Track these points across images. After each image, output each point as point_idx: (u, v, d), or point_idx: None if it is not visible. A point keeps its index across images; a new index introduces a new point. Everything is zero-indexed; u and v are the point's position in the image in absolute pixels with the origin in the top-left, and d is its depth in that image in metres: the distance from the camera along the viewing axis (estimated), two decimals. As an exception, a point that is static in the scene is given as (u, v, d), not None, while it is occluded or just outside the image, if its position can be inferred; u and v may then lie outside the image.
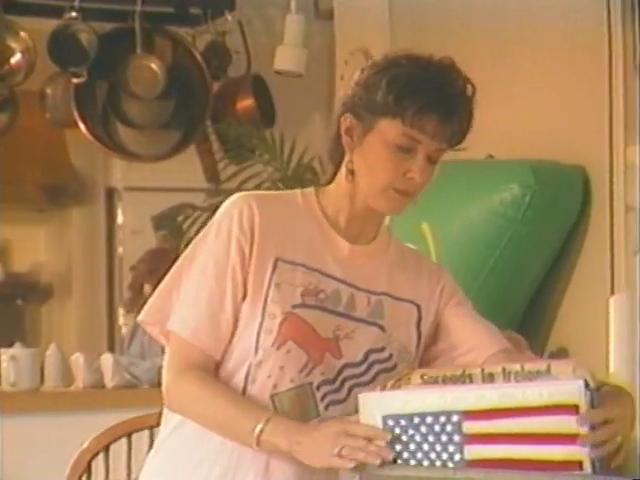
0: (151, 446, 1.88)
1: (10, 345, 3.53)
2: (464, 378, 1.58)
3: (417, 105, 1.66)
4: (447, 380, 1.59)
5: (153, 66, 4.28)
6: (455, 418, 1.56)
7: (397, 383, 1.60)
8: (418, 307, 1.79)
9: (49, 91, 4.34)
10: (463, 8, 3.23)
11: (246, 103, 4.42)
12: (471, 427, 1.55)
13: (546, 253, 2.80)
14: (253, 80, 4.40)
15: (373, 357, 1.73)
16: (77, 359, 3.61)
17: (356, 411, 1.62)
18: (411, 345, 1.77)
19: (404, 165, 1.68)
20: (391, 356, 1.74)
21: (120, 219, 4.96)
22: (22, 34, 4.19)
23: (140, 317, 1.78)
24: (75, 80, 4.18)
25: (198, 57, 4.35)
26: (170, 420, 1.78)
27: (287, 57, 3.87)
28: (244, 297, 1.72)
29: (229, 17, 4.37)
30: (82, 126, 4.25)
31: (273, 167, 3.77)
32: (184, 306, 1.73)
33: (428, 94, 1.67)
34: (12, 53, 4.18)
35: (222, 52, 4.43)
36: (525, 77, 2.98)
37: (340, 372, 1.72)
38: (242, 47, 4.40)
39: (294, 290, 1.71)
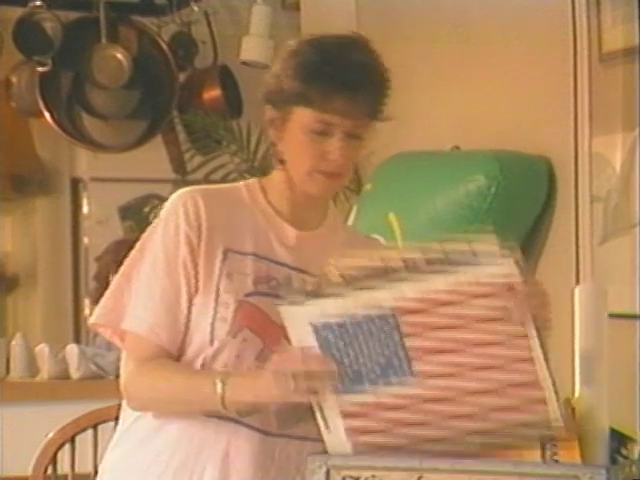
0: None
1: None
2: (387, 271, 1.55)
3: (321, 89, 1.68)
4: (370, 276, 1.56)
5: (118, 56, 4.26)
6: (390, 315, 1.55)
7: (317, 284, 1.59)
8: None
9: (14, 79, 4.30)
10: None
11: (213, 93, 4.41)
12: (408, 321, 1.54)
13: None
14: (220, 70, 4.39)
15: None
16: (42, 349, 3.59)
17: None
18: None
19: (323, 147, 1.71)
20: None
21: (86, 209, 4.92)
22: (-14, 22, 4.15)
23: (92, 320, 1.79)
24: (40, 69, 4.15)
25: (164, 47, 4.33)
26: (129, 412, 1.78)
27: (253, 48, 3.87)
28: (196, 290, 1.73)
29: (195, 7, 4.35)
30: (47, 115, 4.22)
31: (240, 158, 3.76)
32: (138, 305, 1.74)
33: (330, 75, 1.69)
34: (-24, 42, 4.14)
35: (188, 42, 4.41)
36: (491, 68, 2.99)
37: None
38: (208, 37, 4.38)
39: (246, 279, 1.73)
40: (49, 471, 2.27)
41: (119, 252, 4.15)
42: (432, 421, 1.59)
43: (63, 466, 2.32)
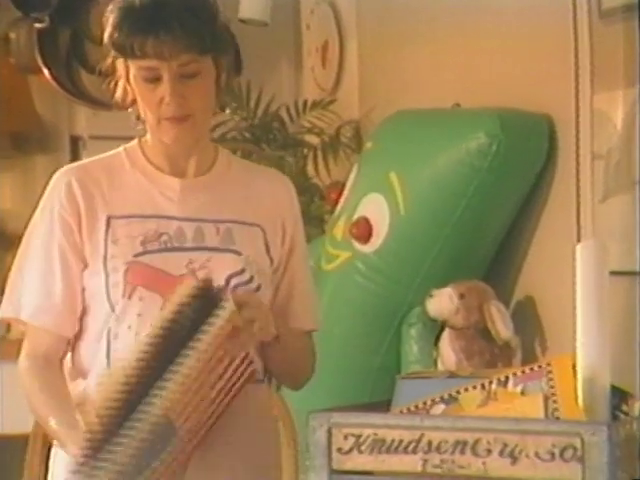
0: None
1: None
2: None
3: (129, 36, 1.70)
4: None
5: (117, 12, 4.22)
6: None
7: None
8: (264, 232, 1.81)
9: (13, 36, 4.27)
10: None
11: (212, 51, 4.37)
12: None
13: (512, 202, 2.81)
14: (219, 28, 4.35)
15: (235, 281, 1.76)
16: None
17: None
18: (266, 267, 1.80)
19: (157, 94, 1.71)
20: (252, 278, 1.77)
21: (85, 168, 4.91)
22: (-18, -22, 4.11)
23: (2, 315, 1.81)
24: (37, 25, 4.12)
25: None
26: None
27: (252, 6, 3.83)
28: (85, 267, 1.75)
29: (194, -37, 4.30)
30: (46, 72, 4.19)
31: (240, 116, 3.74)
32: (24, 292, 1.77)
33: (135, 20, 1.70)
34: (-28, -2, 4.11)
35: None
36: (491, 25, 2.97)
37: None
38: (207, -6, 4.34)
39: (133, 241, 1.74)
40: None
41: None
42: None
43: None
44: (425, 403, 1.66)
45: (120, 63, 1.74)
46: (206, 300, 1.64)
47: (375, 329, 2.83)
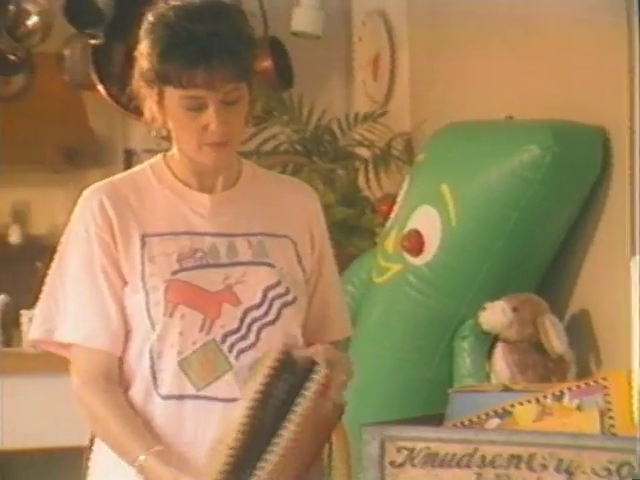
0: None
1: (30, 307, 3.55)
2: None
3: (176, 66, 1.67)
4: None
5: (170, 28, 4.26)
6: None
7: None
8: (295, 243, 1.81)
9: (67, 53, 4.33)
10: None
11: (264, 65, 4.39)
12: None
13: (566, 214, 2.79)
14: (270, 42, 4.38)
15: (271, 294, 1.76)
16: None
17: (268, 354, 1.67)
18: (299, 278, 1.80)
19: (201, 121, 1.70)
20: (288, 289, 1.77)
21: (138, 181, 4.95)
22: (38, -4, 4.18)
23: (31, 336, 1.80)
24: (92, 42, 4.17)
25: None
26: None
27: (304, 19, 3.85)
28: (125, 285, 1.74)
29: (246, -21, 4.33)
30: (100, 87, 4.24)
31: (291, 129, 3.76)
32: (69, 314, 1.75)
33: (182, 51, 1.66)
34: (28, 15, 4.17)
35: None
36: (545, 36, 2.96)
37: (243, 318, 1.74)
38: (258, 10, 4.37)
39: (169, 258, 1.73)
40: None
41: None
42: None
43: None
44: (479, 417, 1.65)
45: (151, 89, 1.72)
46: (292, 366, 1.65)
47: (427, 342, 2.82)
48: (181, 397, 1.71)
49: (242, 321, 1.73)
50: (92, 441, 1.84)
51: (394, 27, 3.79)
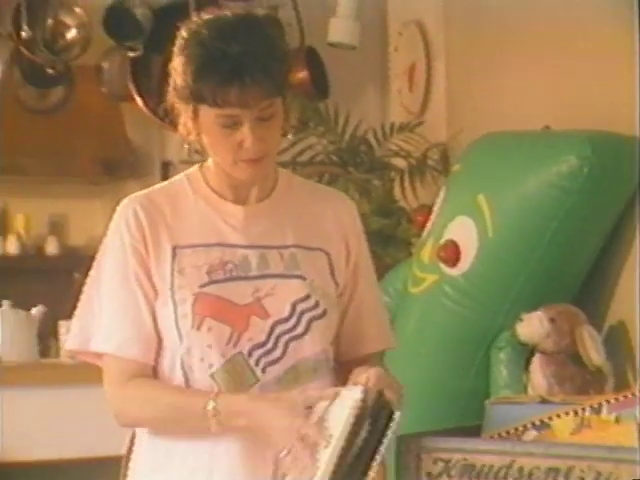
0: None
1: (68, 317, 3.58)
2: None
3: (210, 85, 1.65)
4: None
5: (207, 39, 4.28)
6: None
7: None
8: (328, 255, 1.80)
9: (105, 65, 4.36)
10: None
11: (299, 75, 4.41)
12: None
13: (604, 225, 2.77)
14: (306, 52, 4.39)
15: (300, 307, 1.75)
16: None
17: (293, 367, 1.68)
18: (331, 291, 1.78)
19: (236, 138, 1.69)
20: (318, 303, 1.76)
21: (175, 192, 4.97)
22: (77, 10, 4.21)
23: (67, 347, 1.81)
24: (131, 54, 4.21)
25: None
26: (140, 440, 1.81)
27: (341, 30, 3.86)
28: (156, 297, 1.75)
29: (282, -10, 4.35)
30: (138, 100, 4.27)
31: (327, 139, 3.76)
32: (103, 324, 1.75)
33: (216, 70, 1.65)
34: (67, 29, 4.21)
35: (275, 25, 4.41)
36: (582, 47, 2.94)
37: (271, 331, 1.74)
38: (295, 20, 4.39)
39: (199, 271, 1.73)
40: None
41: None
42: None
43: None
44: (516, 429, 1.64)
45: (186, 105, 1.71)
46: (369, 409, 1.63)
47: (463, 353, 2.80)
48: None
49: (270, 334, 1.73)
50: (132, 442, 1.85)
51: (430, 37, 3.79)
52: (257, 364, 1.73)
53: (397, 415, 1.59)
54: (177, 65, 1.71)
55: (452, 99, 3.62)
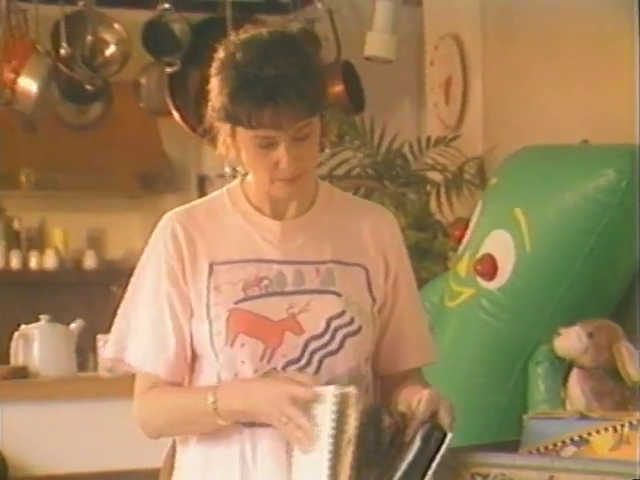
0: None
1: (106, 331, 3.59)
2: None
3: (245, 108, 1.66)
4: None
5: (244, 54, 4.30)
6: None
7: None
8: (366, 271, 1.79)
9: (143, 81, 4.40)
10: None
11: (336, 89, 4.42)
12: None
13: (642, 239, 2.75)
14: (342, 66, 4.40)
15: (335, 324, 1.74)
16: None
17: (328, 383, 1.67)
18: (367, 307, 1.77)
19: (272, 158, 1.69)
20: (353, 319, 1.75)
21: (211, 206, 4.99)
22: (116, 26, 4.26)
23: (105, 355, 1.85)
24: (168, 69, 4.24)
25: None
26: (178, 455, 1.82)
27: (377, 43, 3.86)
28: (192, 315, 1.75)
29: (318, 5, 4.37)
30: (176, 114, 4.31)
31: (363, 153, 3.76)
32: (130, 336, 1.78)
33: (250, 93, 1.65)
34: (106, 45, 4.26)
35: (311, 39, 4.43)
36: (620, 60, 2.92)
37: (305, 347, 1.73)
38: (331, 34, 4.40)
39: (234, 287, 1.73)
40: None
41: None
42: None
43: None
44: (555, 444, 1.63)
45: (224, 124, 1.72)
46: (424, 434, 1.63)
47: (501, 367, 2.79)
48: (251, 425, 1.71)
49: (304, 350, 1.73)
50: (171, 453, 1.86)
51: (467, 50, 3.78)
52: None
53: (449, 437, 1.58)
54: (214, 86, 1.72)
55: (489, 112, 3.61)
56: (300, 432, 1.62)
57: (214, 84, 1.72)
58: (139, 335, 1.77)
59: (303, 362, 1.73)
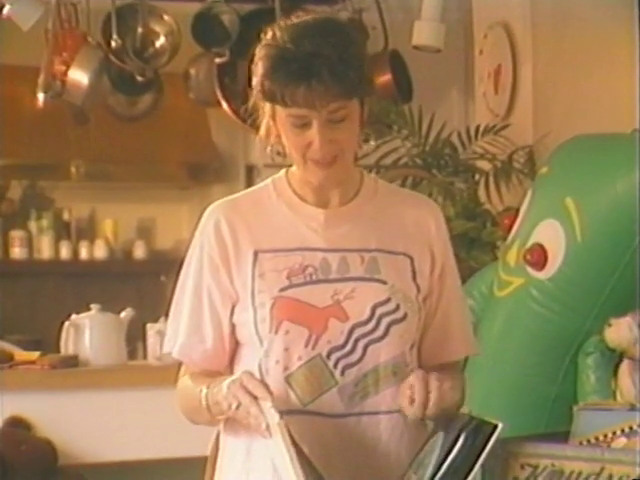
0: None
1: (155, 320, 3.63)
2: None
3: (279, 85, 1.67)
4: None
5: (292, 44, 4.30)
6: None
7: None
8: (411, 259, 1.78)
9: (192, 71, 4.42)
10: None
11: (383, 79, 4.41)
12: None
13: (696, 228, 2.71)
14: (390, 56, 4.38)
15: (380, 310, 1.74)
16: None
17: (372, 370, 1.68)
18: (412, 295, 1.77)
19: (306, 139, 1.69)
20: (398, 306, 1.74)
21: (260, 196, 5.01)
22: (166, 18, 4.28)
23: (164, 350, 1.86)
24: (218, 60, 4.25)
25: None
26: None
27: (425, 32, 3.84)
28: (237, 302, 1.76)
29: (366, -6, 4.36)
30: (224, 104, 4.32)
31: (411, 142, 3.75)
32: (172, 326, 1.81)
33: (285, 70, 1.66)
34: (157, 37, 4.28)
35: (359, 29, 4.42)
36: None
37: (350, 334, 1.73)
38: (379, 23, 4.39)
39: (279, 275, 1.74)
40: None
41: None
42: None
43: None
44: (605, 435, 1.61)
45: (266, 105, 1.74)
46: (471, 429, 1.63)
47: (550, 358, 2.77)
48: (289, 412, 1.71)
49: (349, 337, 1.73)
50: (217, 441, 1.87)
51: (517, 39, 3.75)
52: (336, 366, 1.73)
53: (499, 429, 1.57)
54: (255, 66, 1.74)
55: (538, 101, 3.58)
56: (251, 418, 1.64)
57: (255, 64, 1.74)
58: (179, 325, 1.80)
59: (348, 349, 1.73)
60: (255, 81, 1.73)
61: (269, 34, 1.72)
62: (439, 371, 1.76)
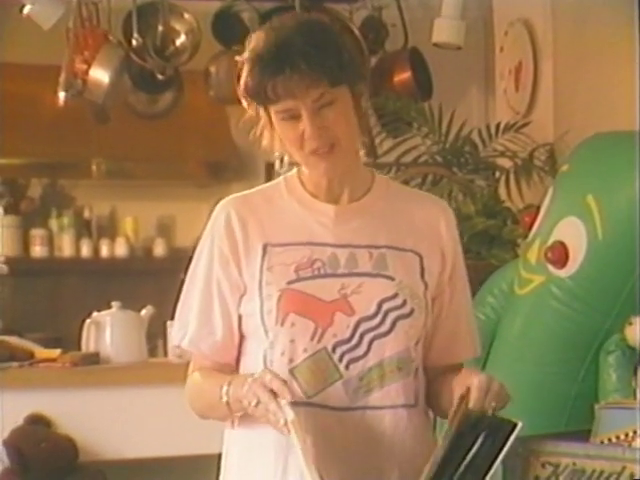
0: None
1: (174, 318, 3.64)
2: None
3: (258, 82, 1.69)
4: None
5: (311, 42, 4.31)
6: None
7: None
8: (420, 257, 1.78)
9: (213, 69, 4.43)
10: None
11: (403, 76, 4.41)
12: None
13: None
14: (410, 53, 4.38)
15: (387, 306, 1.74)
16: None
17: (377, 365, 1.69)
18: (420, 292, 1.77)
19: (298, 131, 1.70)
20: (405, 302, 1.75)
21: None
22: (186, 16, 4.29)
23: (173, 342, 1.89)
24: (238, 58, 4.26)
25: (356, 32, 4.36)
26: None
27: (445, 29, 3.83)
28: (244, 293, 1.77)
29: (386, -8, 4.36)
30: (245, 103, 4.33)
31: (431, 140, 3.74)
32: (182, 318, 1.81)
33: (259, 66, 1.69)
34: (177, 35, 4.29)
35: (379, 26, 4.42)
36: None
37: (356, 328, 1.74)
38: (399, 21, 4.39)
39: (287, 269, 1.75)
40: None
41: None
42: None
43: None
44: (626, 434, 1.61)
45: (261, 111, 1.76)
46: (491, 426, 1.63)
47: (571, 356, 2.76)
48: (293, 404, 1.71)
49: (354, 331, 1.74)
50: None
51: (538, 36, 3.74)
52: (341, 360, 1.74)
53: (519, 427, 1.56)
54: (241, 75, 1.78)
55: (559, 99, 3.57)
56: (270, 415, 1.64)
57: (241, 71, 1.77)
58: (188, 317, 1.81)
59: (353, 343, 1.74)
60: (241, 87, 1.77)
61: (248, 42, 1.76)
62: (449, 371, 1.77)
